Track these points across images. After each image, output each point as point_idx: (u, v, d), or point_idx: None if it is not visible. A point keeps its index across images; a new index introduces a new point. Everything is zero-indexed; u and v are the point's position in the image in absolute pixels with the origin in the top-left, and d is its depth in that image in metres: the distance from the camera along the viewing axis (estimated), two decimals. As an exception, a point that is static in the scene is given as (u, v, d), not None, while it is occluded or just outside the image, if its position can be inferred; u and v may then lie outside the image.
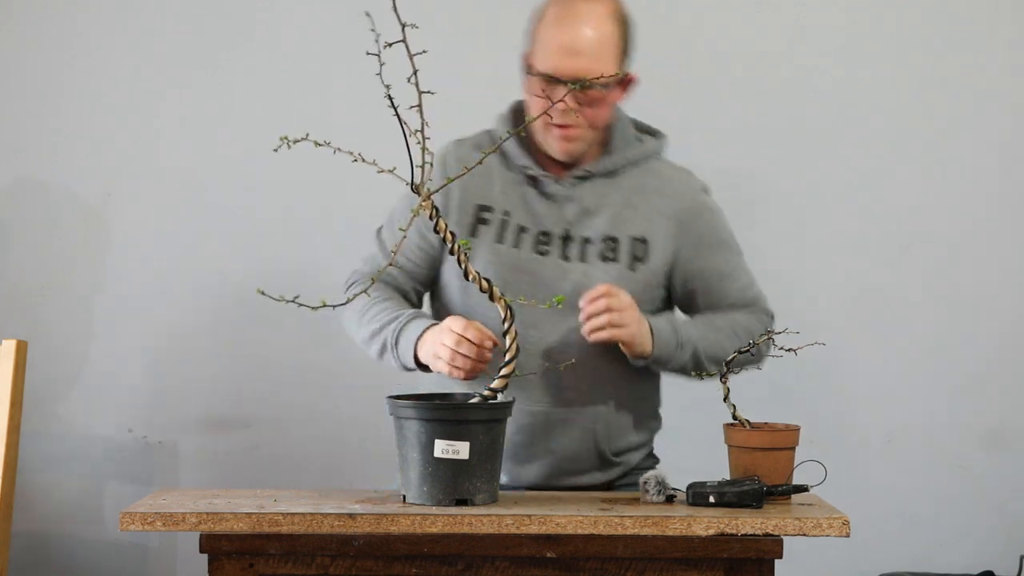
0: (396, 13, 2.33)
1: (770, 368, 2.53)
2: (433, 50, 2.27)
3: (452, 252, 2.33)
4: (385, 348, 2.54)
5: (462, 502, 2.24)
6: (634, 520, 2.17)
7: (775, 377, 2.64)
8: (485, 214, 2.58)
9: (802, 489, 2.31)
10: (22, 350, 2.96)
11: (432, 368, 2.48)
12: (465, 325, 2.41)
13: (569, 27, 2.49)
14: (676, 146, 2.78)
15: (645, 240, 2.56)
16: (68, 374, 3.43)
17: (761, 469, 2.32)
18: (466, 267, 2.32)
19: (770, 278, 3.39)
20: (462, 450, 2.23)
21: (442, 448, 2.23)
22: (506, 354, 2.30)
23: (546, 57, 2.50)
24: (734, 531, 2.17)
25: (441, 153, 2.60)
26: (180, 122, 3.43)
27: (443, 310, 2.63)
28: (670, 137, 2.67)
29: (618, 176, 2.58)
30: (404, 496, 2.29)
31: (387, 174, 2.29)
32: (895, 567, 3.37)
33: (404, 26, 2.31)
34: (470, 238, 2.57)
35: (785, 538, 2.18)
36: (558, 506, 2.26)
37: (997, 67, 3.41)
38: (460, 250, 2.33)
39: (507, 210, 2.57)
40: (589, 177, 2.57)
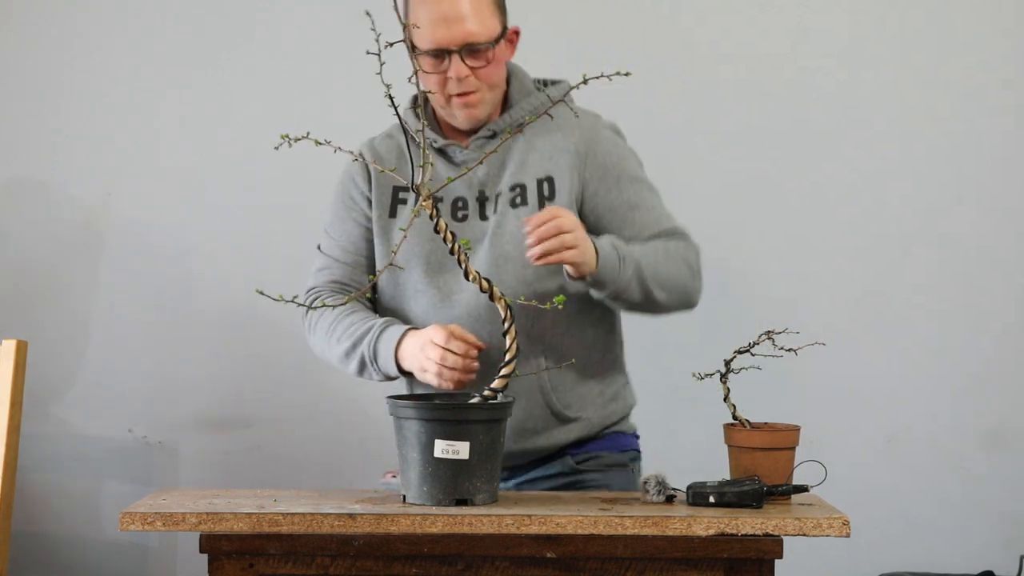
0: (397, 12, 2.33)
1: (770, 368, 2.53)
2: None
3: (452, 252, 2.33)
4: (364, 364, 2.54)
5: (462, 502, 2.24)
6: (634, 520, 2.17)
7: (775, 377, 2.64)
8: (403, 194, 2.60)
9: (802, 489, 2.30)
10: (22, 350, 2.96)
11: (420, 380, 2.48)
12: (447, 336, 2.42)
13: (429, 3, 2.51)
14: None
15: (551, 178, 2.55)
16: (68, 374, 3.43)
17: (761, 469, 2.32)
18: (466, 267, 2.32)
19: (771, 278, 3.42)
20: (462, 450, 2.23)
21: (442, 448, 2.23)
22: (506, 354, 2.30)
23: (428, 32, 2.50)
24: (734, 531, 2.17)
25: (357, 152, 2.60)
26: (180, 122, 3.43)
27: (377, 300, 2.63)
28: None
29: (523, 128, 2.57)
30: (404, 496, 2.29)
31: (387, 172, 2.29)
32: (895, 567, 3.37)
33: (405, 26, 2.32)
34: (391, 219, 2.59)
35: (785, 538, 2.18)
36: (558, 506, 2.26)
37: (998, 68, 3.41)
38: (460, 250, 2.33)
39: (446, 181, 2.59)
40: (494, 136, 2.58)
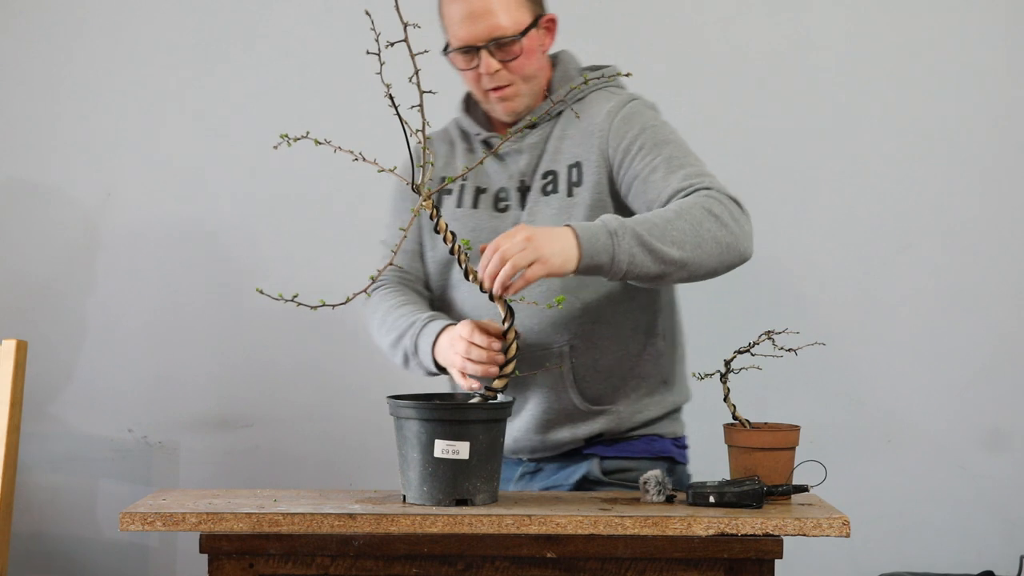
0: (398, 12, 2.33)
1: (770, 368, 2.53)
2: (434, 49, 2.28)
3: (452, 252, 2.33)
4: (407, 357, 2.54)
5: (462, 502, 2.24)
6: (634, 520, 2.17)
7: (775, 377, 2.64)
8: (445, 187, 2.61)
9: (802, 489, 2.31)
10: (22, 350, 2.96)
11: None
12: (471, 330, 2.41)
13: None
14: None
15: (579, 163, 2.54)
16: (68, 374, 3.43)
17: (761, 469, 2.32)
18: (466, 267, 2.33)
19: (771, 278, 3.42)
20: (462, 450, 2.23)
21: (442, 448, 2.23)
22: (506, 353, 2.31)
23: (456, 30, 2.52)
24: (734, 531, 2.17)
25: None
26: (180, 122, 3.43)
27: (435, 300, 2.65)
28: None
29: (561, 116, 2.58)
30: (404, 496, 2.29)
31: (388, 173, 2.29)
32: (895, 567, 3.37)
33: (406, 25, 2.32)
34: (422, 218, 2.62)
35: (785, 538, 2.18)
36: (558, 506, 2.26)
37: (998, 68, 3.41)
38: (460, 250, 2.33)
39: (465, 176, 2.60)
40: (535, 126, 2.58)
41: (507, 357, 2.31)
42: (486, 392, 2.34)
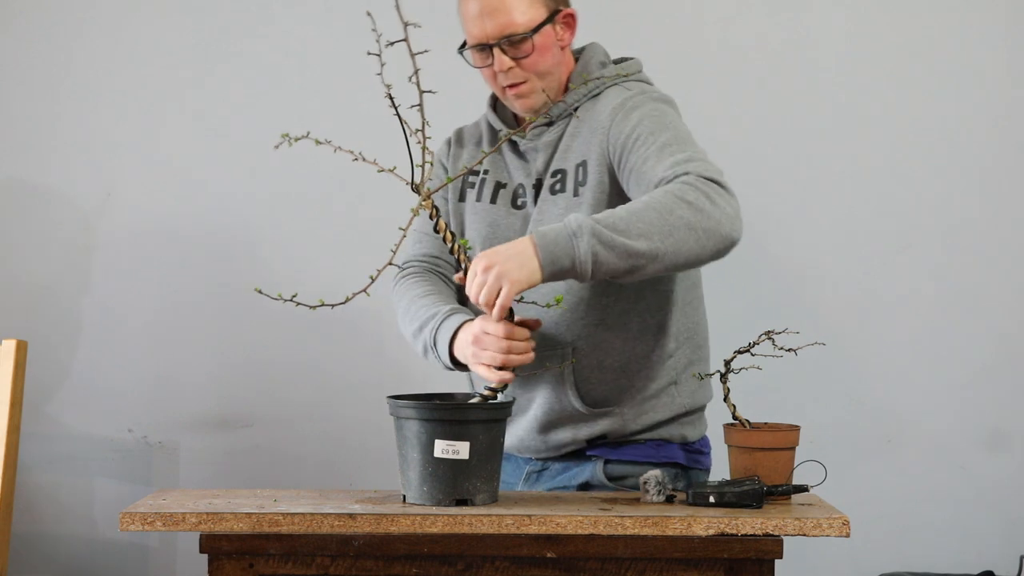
0: (398, 11, 2.33)
1: (770, 368, 2.53)
2: (435, 49, 2.28)
3: (452, 252, 2.34)
4: (427, 349, 2.53)
5: (462, 502, 2.24)
6: (634, 520, 2.17)
7: (775, 377, 2.64)
8: (472, 178, 2.62)
9: (802, 489, 2.30)
10: (22, 350, 2.96)
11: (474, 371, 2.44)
12: (486, 322, 2.37)
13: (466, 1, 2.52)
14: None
15: (584, 162, 2.52)
16: (68, 374, 3.43)
17: (761, 469, 2.32)
18: (466, 266, 2.33)
19: (770, 277, 3.42)
20: (462, 450, 2.23)
21: (442, 448, 2.23)
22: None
23: (469, 28, 2.52)
24: (734, 531, 2.17)
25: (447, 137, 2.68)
26: (180, 123, 3.43)
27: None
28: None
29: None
30: (404, 496, 2.29)
31: (387, 173, 2.29)
32: (895, 567, 3.37)
33: (406, 25, 2.32)
34: (460, 203, 2.62)
35: (785, 538, 2.18)
36: (558, 506, 2.26)
37: (998, 67, 3.41)
38: (460, 249, 2.33)
39: (487, 169, 2.61)
40: (553, 122, 2.56)
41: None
42: (486, 392, 2.34)
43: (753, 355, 2.42)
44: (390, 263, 2.31)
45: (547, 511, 2.20)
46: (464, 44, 2.55)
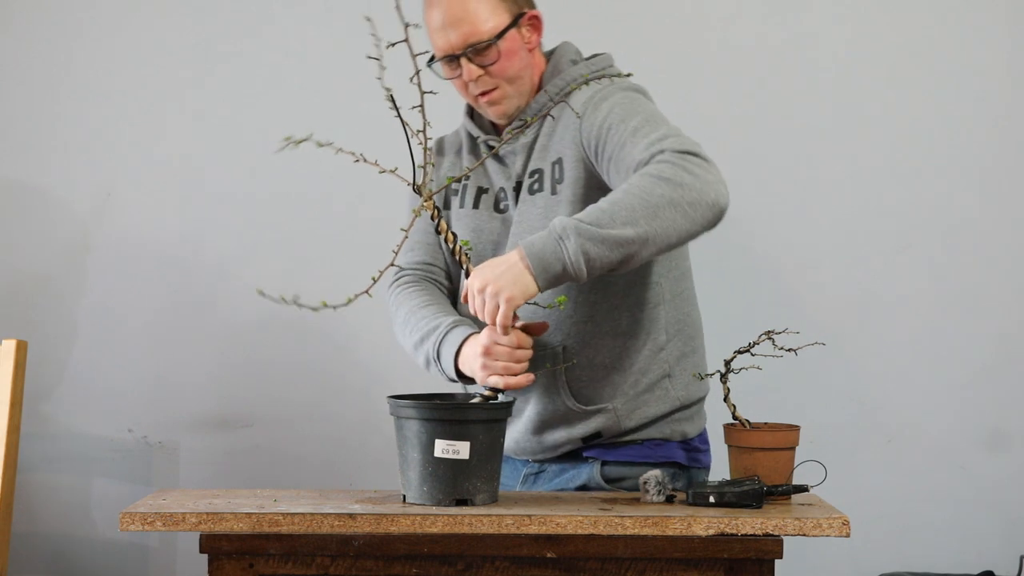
0: (399, 12, 2.33)
1: (770, 368, 2.53)
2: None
3: (454, 253, 2.34)
4: (429, 361, 2.52)
5: (462, 502, 2.24)
6: (634, 520, 2.17)
7: (775, 377, 2.64)
8: (455, 185, 2.62)
9: (802, 489, 2.31)
10: (22, 350, 2.96)
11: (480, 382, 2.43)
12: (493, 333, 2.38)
13: (435, 3, 2.51)
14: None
15: (560, 160, 2.51)
16: (68, 374, 3.43)
17: (761, 469, 2.32)
18: (467, 268, 2.33)
19: (770, 277, 3.42)
20: (462, 450, 2.23)
21: (442, 448, 2.23)
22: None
23: (435, 40, 2.51)
24: (734, 531, 2.17)
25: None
26: (180, 123, 3.43)
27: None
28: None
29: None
30: (404, 496, 2.29)
31: (389, 174, 2.29)
32: (895, 567, 3.37)
33: (407, 26, 2.32)
34: (445, 211, 2.62)
35: (785, 538, 2.18)
36: (558, 506, 2.26)
37: (998, 67, 3.40)
38: (461, 251, 2.34)
39: (466, 177, 2.61)
40: (527, 125, 2.56)
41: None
42: (487, 392, 2.34)
43: (753, 355, 2.42)
44: (392, 264, 2.31)
45: (547, 511, 2.20)
46: (432, 57, 2.54)
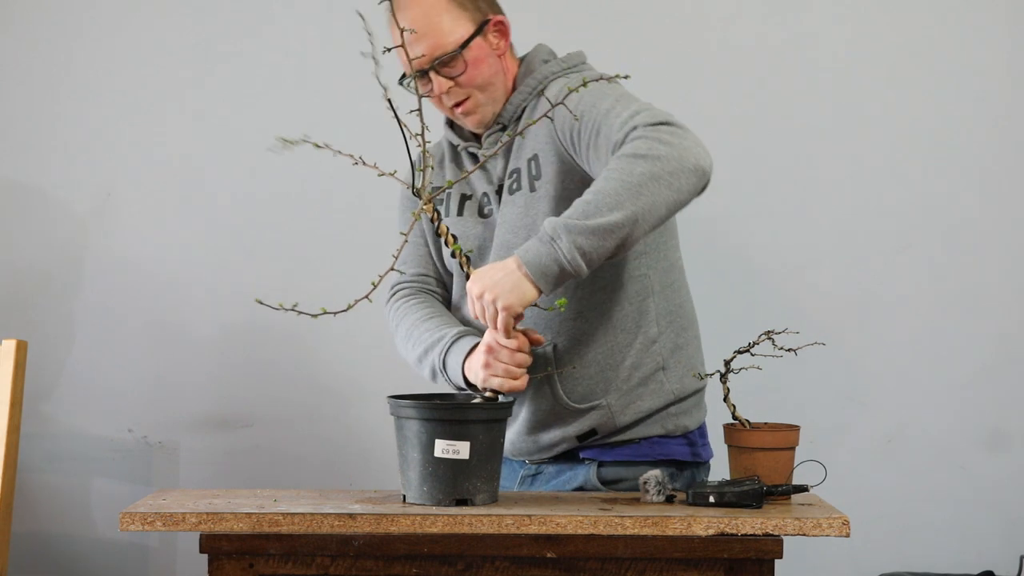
0: (394, 17, 2.33)
1: (770, 368, 2.53)
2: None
3: (454, 255, 2.34)
4: (435, 373, 2.52)
5: (462, 502, 2.24)
6: (634, 520, 2.17)
7: (775, 377, 2.64)
8: (439, 195, 2.60)
9: (802, 489, 2.31)
10: (22, 350, 2.96)
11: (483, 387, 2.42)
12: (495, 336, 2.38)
13: (393, 26, 2.48)
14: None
15: (536, 156, 2.51)
16: (68, 374, 3.43)
17: (761, 469, 2.32)
18: (467, 271, 2.33)
19: (771, 277, 3.42)
20: (462, 450, 2.23)
21: (442, 448, 2.23)
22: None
23: (402, 59, 2.49)
24: (734, 531, 2.17)
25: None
26: (180, 123, 3.43)
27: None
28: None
29: (524, 112, 2.56)
30: (404, 496, 2.29)
31: (388, 177, 2.29)
32: (895, 567, 3.37)
33: (403, 31, 2.32)
34: (426, 222, 2.62)
35: (785, 538, 2.18)
36: (558, 506, 2.26)
37: (997, 67, 3.40)
38: (461, 253, 2.34)
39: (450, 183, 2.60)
40: (506, 127, 2.56)
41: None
42: (488, 395, 2.34)
43: (753, 355, 2.42)
44: (392, 268, 2.31)
45: (547, 511, 2.20)
46: (404, 75, 2.53)
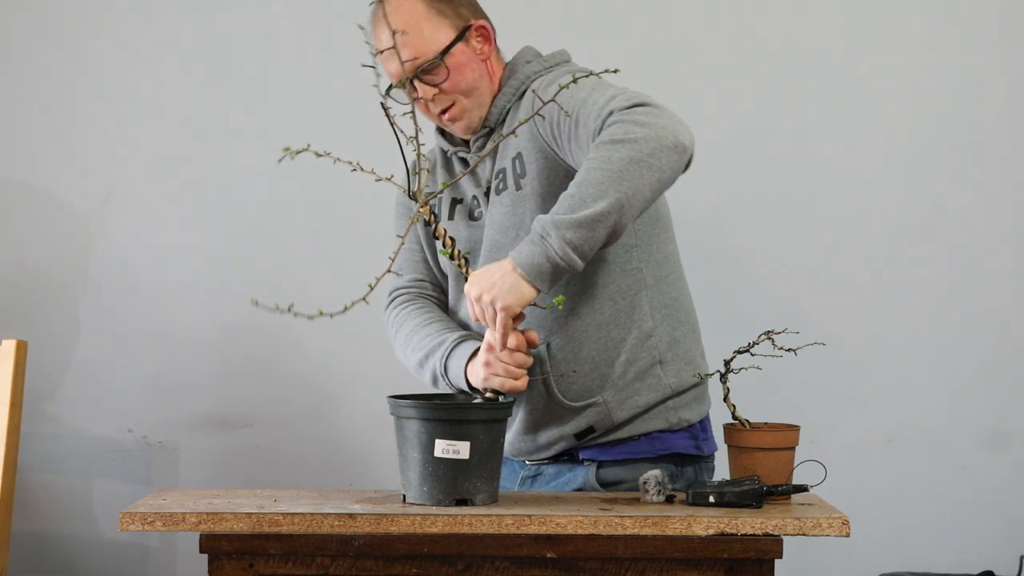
0: (386, 20, 2.34)
1: (770, 368, 2.53)
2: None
3: (452, 257, 2.34)
4: (436, 378, 2.52)
5: (462, 502, 2.25)
6: (634, 520, 2.17)
7: (775, 377, 2.64)
8: (433, 199, 2.60)
9: (802, 489, 2.31)
10: (22, 350, 2.96)
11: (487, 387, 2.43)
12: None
13: (377, 35, 2.50)
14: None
15: (520, 154, 2.50)
16: (68, 374, 3.43)
17: (761, 469, 2.32)
18: (467, 272, 2.33)
19: (770, 277, 3.42)
20: (462, 450, 2.23)
21: (442, 448, 2.23)
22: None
23: (386, 68, 2.49)
24: (734, 531, 2.17)
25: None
26: (181, 123, 3.43)
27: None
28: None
29: (508, 114, 2.56)
30: (404, 496, 2.29)
31: (386, 181, 2.30)
32: (895, 567, 3.37)
33: (395, 33, 2.32)
34: (426, 227, 2.61)
35: (785, 538, 2.18)
36: (558, 506, 2.26)
37: (998, 68, 3.40)
38: (460, 255, 2.34)
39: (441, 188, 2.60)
40: (492, 131, 2.56)
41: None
42: (489, 395, 2.34)
43: (753, 355, 2.42)
44: (388, 271, 2.30)
45: (547, 511, 2.20)
46: (390, 87, 2.53)
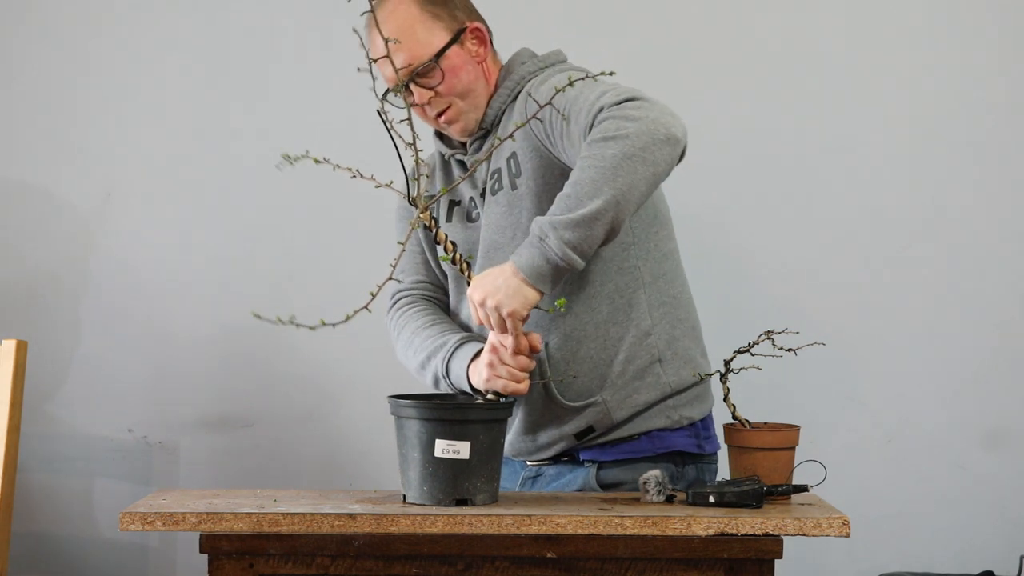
0: (378, 29, 2.34)
1: (770, 368, 2.53)
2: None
3: (454, 261, 2.34)
4: (438, 379, 2.52)
5: (462, 502, 2.25)
6: (634, 520, 2.17)
7: (775, 377, 2.64)
8: (433, 203, 2.59)
9: (802, 489, 2.31)
10: (22, 350, 2.96)
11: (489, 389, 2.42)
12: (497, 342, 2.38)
13: (372, 40, 2.50)
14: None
15: (514, 154, 2.50)
16: (68, 374, 3.43)
17: (761, 469, 2.32)
18: (468, 276, 2.34)
19: (770, 277, 3.42)
20: (462, 450, 2.23)
21: (442, 448, 2.23)
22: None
23: (382, 72, 2.49)
24: (734, 531, 2.17)
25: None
26: (181, 123, 3.43)
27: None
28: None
29: (503, 115, 2.56)
30: (404, 496, 2.29)
31: (386, 187, 2.30)
32: (895, 567, 3.37)
33: (387, 41, 2.33)
34: (426, 230, 2.60)
35: (785, 538, 2.18)
36: (558, 506, 2.26)
37: (999, 67, 3.40)
38: (461, 259, 2.34)
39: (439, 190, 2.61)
40: (487, 134, 2.56)
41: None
42: (491, 397, 2.34)
43: (753, 355, 2.42)
44: (390, 278, 2.30)
45: (547, 511, 2.20)
46: (387, 91, 2.52)
